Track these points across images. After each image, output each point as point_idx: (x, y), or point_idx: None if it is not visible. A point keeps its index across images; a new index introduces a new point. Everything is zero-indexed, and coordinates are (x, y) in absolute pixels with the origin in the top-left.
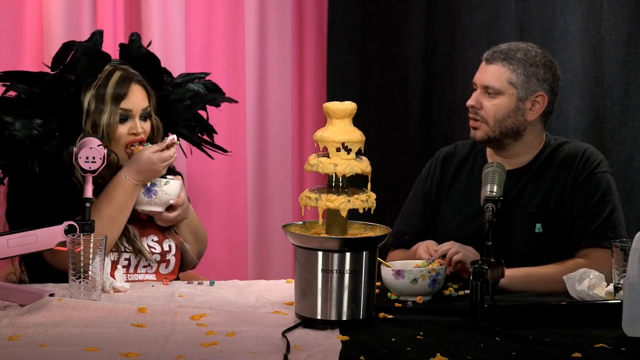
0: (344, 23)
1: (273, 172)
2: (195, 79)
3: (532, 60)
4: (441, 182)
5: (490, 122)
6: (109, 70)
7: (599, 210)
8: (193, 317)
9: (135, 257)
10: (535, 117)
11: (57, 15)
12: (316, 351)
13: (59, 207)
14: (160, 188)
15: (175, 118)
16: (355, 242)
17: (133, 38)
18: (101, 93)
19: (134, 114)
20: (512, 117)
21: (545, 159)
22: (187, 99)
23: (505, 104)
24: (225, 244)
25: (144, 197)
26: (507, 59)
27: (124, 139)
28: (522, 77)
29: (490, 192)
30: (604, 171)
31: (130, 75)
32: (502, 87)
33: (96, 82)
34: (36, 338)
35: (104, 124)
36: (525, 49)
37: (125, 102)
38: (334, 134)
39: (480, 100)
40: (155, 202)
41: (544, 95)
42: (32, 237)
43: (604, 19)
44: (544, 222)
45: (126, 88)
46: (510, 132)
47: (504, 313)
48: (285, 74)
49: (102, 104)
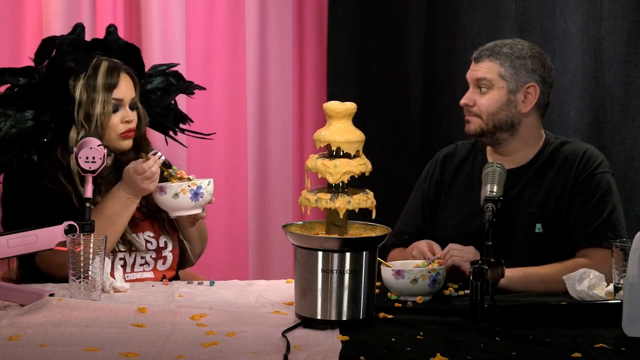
0: (344, 23)
1: (273, 172)
2: (166, 70)
3: (518, 53)
4: (440, 182)
5: (483, 116)
6: (94, 61)
7: (599, 210)
8: (193, 317)
9: (130, 255)
10: (529, 108)
11: (57, 15)
12: (316, 351)
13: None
14: (206, 189)
15: (152, 108)
16: (355, 242)
17: (111, 30)
18: (92, 83)
19: (125, 102)
20: (504, 110)
21: (546, 158)
22: (161, 89)
23: (497, 98)
24: (225, 244)
25: (191, 201)
26: (493, 55)
27: (118, 128)
28: (511, 70)
29: (491, 192)
30: (604, 172)
31: (118, 65)
32: (493, 81)
33: (85, 73)
34: (36, 338)
35: (98, 113)
36: (511, 44)
37: (117, 91)
38: (334, 134)
39: (472, 98)
40: (201, 205)
41: (535, 86)
42: (32, 237)
43: (604, 19)
44: (544, 222)
45: (117, 77)
46: (504, 125)
47: (504, 313)
48: (285, 74)
49: (94, 93)
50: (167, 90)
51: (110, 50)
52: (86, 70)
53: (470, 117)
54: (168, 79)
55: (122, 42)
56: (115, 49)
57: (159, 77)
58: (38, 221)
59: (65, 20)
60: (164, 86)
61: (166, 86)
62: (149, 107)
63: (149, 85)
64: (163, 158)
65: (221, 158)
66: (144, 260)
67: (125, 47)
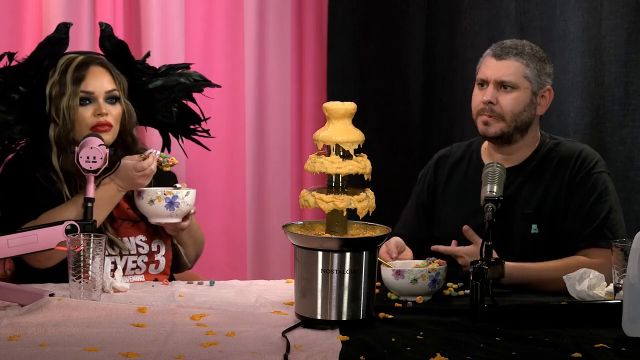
0: (344, 23)
1: (272, 172)
2: (178, 69)
3: (539, 55)
4: (434, 184)
5: (507, 117)
6: (72, 57)
7: (597, 211)
8: (193, 317)
9: (121, 258)
10: (544, 111)
11: (57, 15)
12: (316, 351)
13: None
14: (182, 200)
15: (154, 107)
16: (355, 242)
17: (102, 28)
18: (63, 78)
19: (97, 96)
20: (527, 111)
21: (541, 158)
22: (167, 88)
23: (522, 98)
24: (224, 244)
25: (166, 210)
26: (519, 54)
27: (88, 121)
28: (535, 71)
29: (490, 192)
30: (600, 171)
31: (91, 59)
32: (519, 81)
33: (59, 68)
34: (36, 338)
35: (64, 106)
36: (530, 44)
37: (85, 84)
38: (333, 134)
39: (495, 96)
40: (177, 214)
41: (550, 90)
42: (32, 237)
43: (604, 19)
44: (540, 223)
45: (84, 70)
46: (523, 126)
47: (504, 313)
48: (285, 73)
49: (64, 87)
50: (174, 88)
51: (105, 49)
52: (54, 67)
53: (492, 120)
54: (178, 79)
55: (115, 40)
56: (109, 47)
57: (165, 76)
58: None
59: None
60: (170, 85)
61: (172, 85)
62: (150, 105)
63: (151, 84)
64: (159, 153)
65: (220, 158)
66: (135, 264)
67: (117, 44)
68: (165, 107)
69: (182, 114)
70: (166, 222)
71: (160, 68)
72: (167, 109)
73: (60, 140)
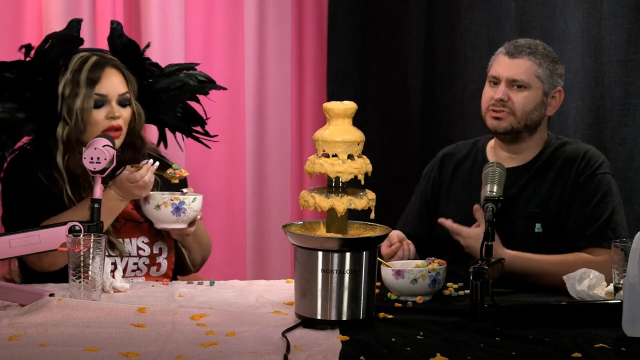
0: (344, 23)
1: (272, 172)
2: (184, 69)
3: (552, 56)
4: (438, 181)
5: (518, 114)
6: (86, 55)
7: (600, 211)
8: (193, 317)
9: (122, 260)
10: (553, 112)
11: (57, 15)
12: (316, 351)
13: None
14: (189, 206)
15: (160, 107)
16: (355, 242)
17: (113, 26)
18: (76, 78)
19: (110, 99)
20: (537, 110)
21: (547, 158)
22: (173, 89)
23: (533, 98)
24: (224, 244)
25: (172, 215)
26: (532, 54)
27: (101, 124)
28: (547, 72)
29: (490, 192)
30: (605, 172)
31: (105, 60)
32: (531, 81)
33: (72, 67)
34: (36, 338)
35: (78, 108)
36: (543, 45)
37: (99, 86)
38: (333, 134)
39: (507, 93)
40: (183, 220)
41: (561, 91)
42: (35, 237)
43: (604, 19)
44: (544, 222)
45: (100, 72)
46: (532, 125)
47: (504, 313)
48: (285, 73)
49: (77, 88)
50: (180, 90)
51: (114, 46)
52: (68, 65)
53: (503, 114)
54: (184, 80)
55: (126, 39)
56: (119, 45)
57: (172, 77)
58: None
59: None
60: (177, 86)
61: (179, 87)
62: (158, 106)
63: (158, 85)
64: (157, 164)
65: (220, 158)
66: (136, 266)
67: (128, 43)
68: (170, 108)
69: (186, 114)
70: (172, 227)
71: (166, 67)
72: (172, 110)
73: (69, 140)
